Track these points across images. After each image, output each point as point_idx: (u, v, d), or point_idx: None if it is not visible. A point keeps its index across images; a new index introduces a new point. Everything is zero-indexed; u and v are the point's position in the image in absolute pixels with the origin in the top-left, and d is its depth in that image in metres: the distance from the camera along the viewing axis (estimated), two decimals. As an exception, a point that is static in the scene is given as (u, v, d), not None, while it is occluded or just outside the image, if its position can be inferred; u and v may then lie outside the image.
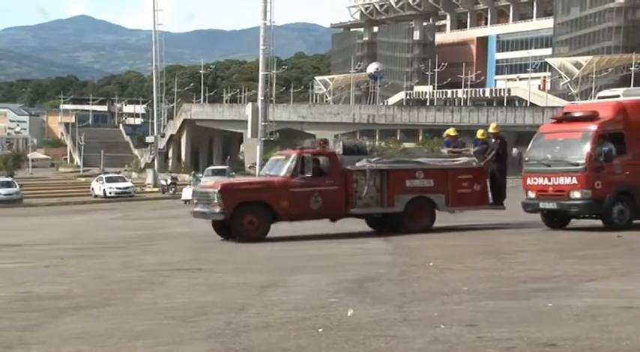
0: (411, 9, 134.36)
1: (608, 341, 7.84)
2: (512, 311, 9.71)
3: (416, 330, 8.65)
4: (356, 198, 19.65)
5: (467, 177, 20.03)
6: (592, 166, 18.57)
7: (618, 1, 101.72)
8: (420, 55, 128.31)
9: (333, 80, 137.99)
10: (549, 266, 13.72)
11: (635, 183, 18.80)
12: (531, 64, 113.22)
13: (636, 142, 18.91)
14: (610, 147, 18.69)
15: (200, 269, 15.14)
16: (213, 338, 8.61)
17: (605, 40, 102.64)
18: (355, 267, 14.15)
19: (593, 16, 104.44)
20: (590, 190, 18.61)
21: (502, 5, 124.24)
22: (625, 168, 18.83)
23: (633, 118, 19.03)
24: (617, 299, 10.18)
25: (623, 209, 18.74)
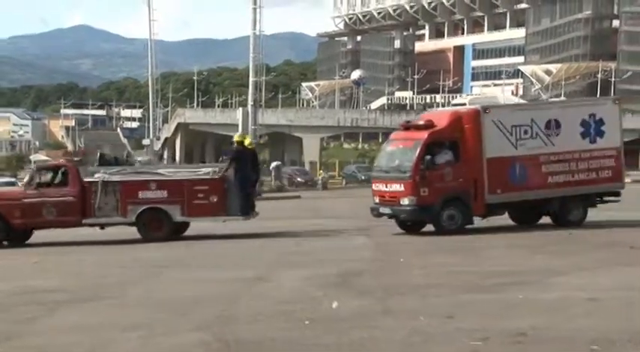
0: (392, 19, 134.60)
1: (574, 331, 7.87)
2: (486, 303, 9.73)
3: (397, 322, 8.67)
4: (94, 208, 19.06)
5: (203, 188, 19.05)
6: (417, 174, 18.29)
7: (585, 13, 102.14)
8: (401, 63, 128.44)
9: (319, 86, 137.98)
10: (519, 262, 13.75)
11: (468, 189, 18.53)
12: (505, 71, 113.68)
13: (471, 150, 18.59)
14: (438, 156, 18.47)
15: (191, 264, 15.12)
16: (204, 329, 8.60)
17: (573, 48, 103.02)
18: (337, 263, 14.13)
19: (562, 26, 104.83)
20: (415, 197, 18.33)
21: (477, 16, 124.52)
22: (458, 175, 18.54)
23: (468, 127, 18.74)
24: (582, 291, 10.21)
25: (453, 214, 18.46)
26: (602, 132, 19.31)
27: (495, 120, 18.83)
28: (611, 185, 19.54)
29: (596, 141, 19.27)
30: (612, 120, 19.66)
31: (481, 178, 18.60)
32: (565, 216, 19.11)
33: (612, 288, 10.51)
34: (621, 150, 19.72)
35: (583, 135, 19.25)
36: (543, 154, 18.97)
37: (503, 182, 18.77)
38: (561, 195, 19.08)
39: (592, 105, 20.81)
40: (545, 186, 18.96)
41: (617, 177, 19.57)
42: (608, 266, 12.78)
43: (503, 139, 18.83)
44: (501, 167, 18.75)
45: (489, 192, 18.66)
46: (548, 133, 19.01)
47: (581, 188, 19.15)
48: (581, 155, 19.19)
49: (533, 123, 18.99)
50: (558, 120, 19.15)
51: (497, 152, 18.72)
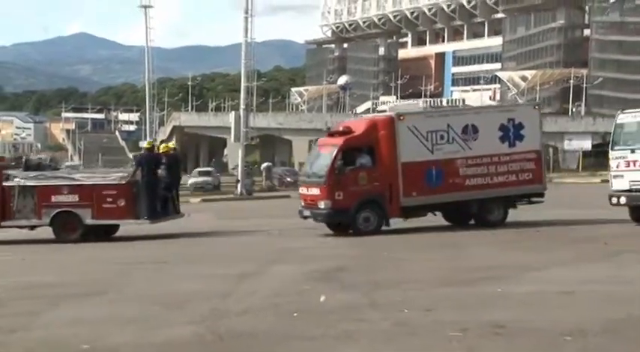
0: (376, 28, 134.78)
1: (549, 322, 7.89)
2: (466, 296, 9.74)
3: (381, 314, 8.66)
4: (13, 211, 19.07)
5: (111, 192, 18.99)
6: (332, 178, 18.28)
7: (559, 22, 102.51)
8: (385, 69, 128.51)
9: (308, 91, 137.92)
10: (497, 257, 13.79)
11: (383, 192, 18.45)
12: (483, 77, 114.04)
13: (386, 155, 18.51)
14: (353, 161, 18.53)
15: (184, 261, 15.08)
16: (197, 322, 8.57)
17: (547, 56, 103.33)
18: (324, 259, 14.13)
19: (537, 34, 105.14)
20: (330, 200, 18.31)
21: (457, 25, 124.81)
22: (373, 179, 18.46)
23: (383, 133, 18.66)
24: (557, 285, 10.24)
25: (368, 216, 18.40)
26: (521, 136, 19.08)
27: (410, 126, 18.72)
28: (532, 187, 19.33)
29: (516, 144, 19.05)
30: (532, 125, 19.41)
31: (396, 182, 18.51)
32: (485, 216, 18.95)
33: (586, 282, 10.53)
34: (542, 153, 19.57)
35: (502, 139, 19.04)
36: (460, 158, 18.80)
37: (419, 185, 18.66)
38: (480, 197, 18.89)
39: (511, 111, 20.51)
40: (463, 189, 18.80)
41: (538, 179, 19.37)
42: (581, 261, 12.85)
43: (419, 144, 18.72)
44: (417, 171, 18.63)
45: (404, 195, 18.56)
46: (466, 138, 18.85)
47: (501, 190, 18.96)
48: (500, 158, 18.99)
49: (449, 128, 18.85)
50: (475, 125, 18.98)
51: (412, 157, 18.62)
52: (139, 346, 7.57)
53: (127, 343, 7.72)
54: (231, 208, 33.85)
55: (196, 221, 23.14)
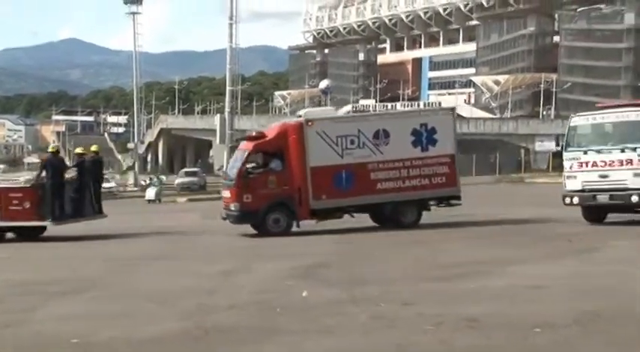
0: (356, 34, 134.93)
1: (521, 316, 7.93)
2: (442, 291, 9.78)
3: (360, 308, 8.68)
4: None
5: (18, 195, 18.90)
6: (240, 182, 18.42)
7: (529, 29, 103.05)
8: (365, 74, 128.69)
9: (290, 95, 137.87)
10: (472, 254, 13.83)
11: (293, 195, 18.48)
12: (458, 82, 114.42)
13: (295, 159, 18.51)
14: (262, 164, 18.72)
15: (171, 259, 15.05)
16: (185, 318, 8.56)
17: (519, 61, 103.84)
18: (305, 256, 14.14)
19: (509, 41, 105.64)
20: (239, 203, 18.43)
21: (433, 31, 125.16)
22: (282, 182, 18.51)
23: (293, 138, 18.64)
24: (528, 280, 10.28)
25: (278, 218, 18.46)
26: (434, 141, 18.86)
27: (319, 131, 18.62)
28: (446, 190, 19.08)
29: (429, 149, 18.84)
30: (446, 130, 19.15)
31: (305, 185, 18.49)
32: (399, 218, 18.83)
33: (555, 277, 10.59)
34: (455, 157, 19.25)
35: (414, 143, 18.82)
36: (371, 162, 18.65)
37: (329, 189, 18.58)
38: (393, 200, 18.77)
39: (424, 116, 20.19)
40: (374, 192, 18.68)
41: (452, 183, 19.10)
42: (550, 257, 12.90)
43: (328, 149, 18.61)
44: (326, 175, 18.57)
45: (314, 198, 18.53)
46: (377, 143, 18.69)
47: (414, 193, 18.79)
48: (412, 162, 18.77)
49: (360, 133, 18.69)
50: (387, 130, 18.80)
51: (321, 161, 18.56)
52: (127, 341, 7.56)
53: (116, 338, 7.70)
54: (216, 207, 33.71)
55: (183, 220, 23.09)
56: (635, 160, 16.66)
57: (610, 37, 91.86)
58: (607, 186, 17.07)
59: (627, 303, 8.47)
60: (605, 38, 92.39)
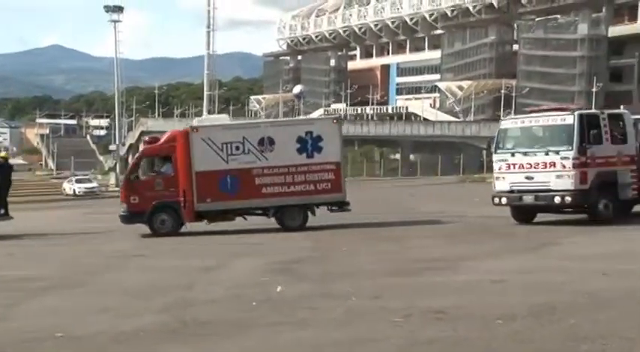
0: (327, 41, 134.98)
1: (483, 308, 7.98)
2: (410, 285, 9.82)
3: (333, 302, 8.69)
4: None
5: None
6: (127, 184, 19.12)
7: (490, 38, 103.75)
8: (336, 79, 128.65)
9: (265, 99, 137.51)
10: (438, 250, 13.90)
11: (178, 198, 18.69)
12: (424, 87, 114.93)
13: (181, 164, 18.73)
14: (150, 169, 19.12)
15: (153, 255, 14.96)
16: (165, 311, 8.52)
17: (481, 68, 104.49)
18: (282, 252, 14.13)
19: (471, 49, 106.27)
20: (127, 204, 18.99)
21: (401, 39, 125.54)
22: (169, 185, 18.84)
23: (180, 144, 18.87)
24: (490, 274, 10.35)
25: (164, 219, 18.78)
26: (320, 148, 18.81)
27: (205, 138, 18.79)
28: (331, 196, 18.97)
29: (314, 156, 18.79)
30: (332, 138, 19.04)
31: (190, 189, 18.68)
32: (284, 222, 18.90)
33: (513, 271, 10.68)
34: (341, 164, 19.14)
35: (299, 150, 18.80)
36: (256, 168, 18.72)
37: (214, 192, 18.71)
38: (278, 204, 18.79)
39: (310, 124, 20.18)
40: (259, 196, 18.76)
41: (337, 189, 18.98)
42: (509, 253, 13.01)
43: (214, 155, 18.75)
44: (211, 179, 18.71)
45: (198, 201, 18.72)
46: (262, 149, 18.76)
47: (299, 198, 18.77)
48: (297, 168, 18.75)
49: (245, 140, 18.80)
50: (272, 137, 18.87)
51: (206, 166, 18.71)
52: (110, 334, 7.50)
53: (99, 331, 7.64)
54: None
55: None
56: (557, 163, 16.54)
57: (565, 46, 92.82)
58: (532, 188, 16.97)
59: (578, 296, 8.56)
60: (561, 47, 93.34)
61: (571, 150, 16.39)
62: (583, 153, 16.39)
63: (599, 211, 16.70)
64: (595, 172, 16.58)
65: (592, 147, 16.50)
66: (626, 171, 17.06)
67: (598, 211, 16.71)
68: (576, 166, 16.40)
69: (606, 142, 16.73)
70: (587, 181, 16.49)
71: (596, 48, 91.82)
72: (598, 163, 16.62)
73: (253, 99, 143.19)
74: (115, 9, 68.47)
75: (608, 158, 16.75)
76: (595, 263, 11.25)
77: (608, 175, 16.80)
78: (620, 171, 16.97)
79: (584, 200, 16.69)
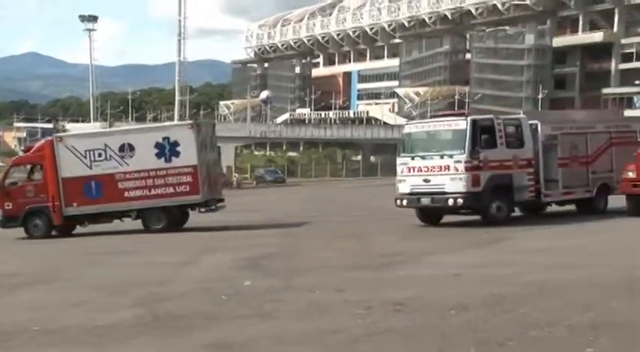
0: (292, 50, 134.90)
1: (439, 300, 8.02)
2: (371, 279, 9.84)
3: (297, 295, 8.67)
4: None
5: None
6: (1, 191, 19.30)
7: (445, 47, 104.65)
8: (300, 85, 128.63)
9: (234, 104, 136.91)
10: (397, 245, 13.95)
11: (48, 203, 18.88)
12: (384, 93, 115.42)
13: (49, 171, 18.95)
14: (26, 176, 19.60)
15: (129, 252, 14.80)
16: (139, 305, 8.43)
17: (436, 75, 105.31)
18: (251, 248, 14.07)
19: (427, 57, 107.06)
20: (2, 210, 19.33)
21: (361, 48, 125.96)
22: (40, 191, 19.04)
23: (47, 152, 19.11)
24: (446, 268, 10.43)
25: (37, 223, 18.99)
26: (177, 153, 18.74)
27: (69, 146, 18.98)
28: (189, 198, 18.81)
29: (172, 160, 18.74)
30: (188, 142, 18.74)
31: (58, 194, 18.86)
32: (148, 224, 18.86)
33: (468, 265, 10.75)
34: (197, 167, 18.78)
35: (158, 155, 18.77)
36: (119, 173, 18.76)
37: (79, 197, 18.86)
38: (140, 207, 18.82)
39: (167, 130, 20.10)
40: (123, 200, 18.81)
41: (195, 191, 18.76)
42: (467, 248, 13.08)
43: (78, 162, 18.87)
44: (77, 185, 18.86)
45: (66, 206, 18.88)
46: (122, 155, 18.81)
47: (159, 200, 18.74)
48: (157, 173, 18.73)
49: (106, 147, 18.89)
50: (132, 143, 18.89)
51: (72, 172, 18.88)
52: (85, 327, 7.40)
53: (74, 325, 7.53)
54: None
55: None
56: (451, 166, 16.27)
57: (513, 55, 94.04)
58: (429, 190, 16.68)
59: (527, 287, 8.66)
60: (509, 56, 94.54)
61: (463, 154, 16.09)
62: (475, 156, 16.07)
63: (491, 213, 16.40)
64: (488, 175, 16.25)
65: (485, 151, 16.18)
66: (522, 174, 16.74)
67: (490, 213, 16.40)
68: (468, 169, 16.06)
69: (501, 146, 16.48)
70: (479, 184, 16.14)
71: (542, 57, 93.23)
72: (491, 166, 16.29)
73: (222, 104, 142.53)
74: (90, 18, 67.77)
75: (502, 161, 16.48)
76: (542, 257, 11.39)
77: (503, 178, 16.45)
78: (516, 174, 16.65)
79: (476, 202, 16.28)
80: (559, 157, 17.59)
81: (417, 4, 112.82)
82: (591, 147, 18.17)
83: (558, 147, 17.63)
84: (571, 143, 17.86)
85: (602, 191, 18.23)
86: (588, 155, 18.11)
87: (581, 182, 17.99)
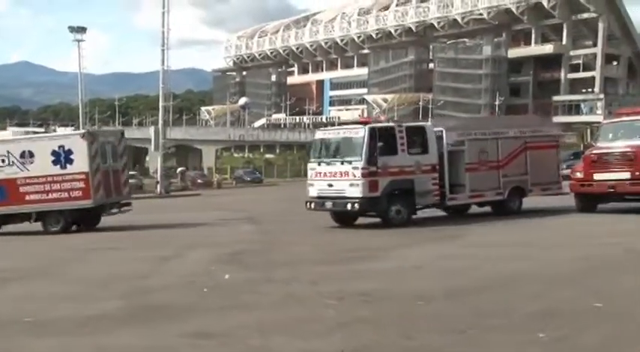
0: (269, 59, 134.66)
1: (406, 291, 8.06)
2: (342, 272, 9.84)
3: (274, 288, 8.65)
4: None
5: None
6: None
7: (410, 57, 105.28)
8: (276, 92, 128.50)
9: (214, 110, 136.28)
10: (365, 241, 13.97)
11: None
12: (354, 99, 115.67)
13: None
14: None
15: (115, 247, 14.65)
16: (123, 298, 8.35)
17: (402, 83, 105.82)
18: (231, 244, 14.01)
19: (394, 67, 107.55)
20: None
21: (333, 58, 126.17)
22: None
23: None
24: (410, 262, 10.47)
25: None
26: (71, 160, 18.70)
27: None
28: (81, 202, 18.58)
29: (67, 167, 18.70)
30: (80, 151, 18.60)
31: None
32: (46, 226, 18.75)
33: (430, 259, 10.81)
34: (89, 174, 18.54)
35: (54, 162, 18.70)
36: (20, 178, 18.74)
37: None
38: (39, 209, 18.75)
39: (62, 139, 19.77)
40: (24, 203, 18.78)
41: (86, 196, 18.55)
42: (428, 242, 13.14)
43: None
44: None
45: None
46: (23, 161, 18.79)
47: (57, 204, 18.67)
48: (53, 178, 18.69)
49: (9, 153, 18.86)
50: (32, 150, 18.88)
51: None
52: (74, 318, 7.32)
53: (64, 316, 7.45)
54: (152, 205, 33.10)
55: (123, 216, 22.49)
56: (350, 172, 15.97)
57: (472, 65, 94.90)
58: (332, 195, 16.40)
59: (485, 279, 8.74)
60: (469, 65, 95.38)
61: (360, 161, 15.72)
62: (373, 163, 15.76)
63: (390, 217, 15.99)
64: (388, 181, 15.92)
65: (384, 157, 15.83)
66: (426, 179, 16.39)
67: (390, 217, 16.00)
68: (365, 176, 15.74)
69: (402, 153, 16.07)
70: (377, 189, 15.82)
71: (498, 67, 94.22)
72: (391, 172, 15.96)
73: (204, 109, 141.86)
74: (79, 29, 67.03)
75: (403, 167, 16.09)
76: (496, 251, 11.49)
77: (404, 183, 16.09)
78: (419, 178, 16.28)
79: (373, 207, 16.06)
80: (466, 162, 17.10)
81: (384, 18, 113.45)
82: (502, 151, 17.60)
83: (465, 153, 17.12)
84: (480, 148, 17.40)
85: (515, 193, 17.85)
86: (499, 159, 17.56)
87: (492, 185, 17.47)
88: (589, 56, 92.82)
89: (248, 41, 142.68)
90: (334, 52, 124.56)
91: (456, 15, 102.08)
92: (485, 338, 5.87)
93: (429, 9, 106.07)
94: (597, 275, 8.71)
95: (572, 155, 38.72)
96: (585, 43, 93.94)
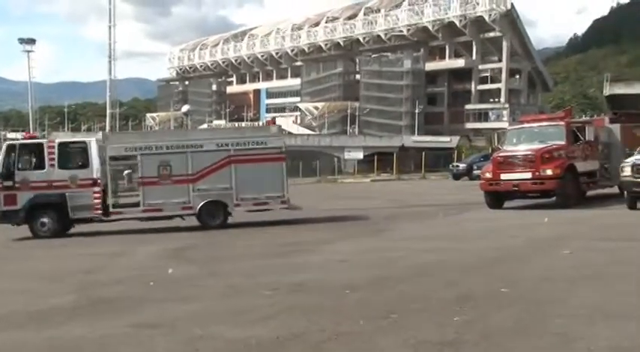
0: (209, 70, 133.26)
1: (334, 282, 8.13)
2: (277, 265, 9.84)
3: (215, 281, 8.59)
4: None
5: None
6: None
7: (338, 69, 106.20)
8: (217, 100, 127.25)
9: (159, 116, 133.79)
10: (299, 236, 13.99)
11: None
12: (288, 107, 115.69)
13: None
14: None
15: (67, 244, 14.20)
16: (76, 292, 8.12)
17: (331, 92, 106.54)
18: (177, 239, 13.81)
19: (324, 77, 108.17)
20: None
21: (269, 69, 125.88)
22: None
23: None
24: (338, 255, 10.53)
25: None
26: None
27: None
28: None
29: None
30: None
31: None
32: None
33: (357, 252, 10.91)
34: None
35: None
36: None
37: None
38: None
39: None
40: None
41: None
42: (353, 237, 13.25)
43: None
44: None
45: None
46: None
47: None
48: None
49: None
50: None
51: None
52: (27, 312, 7.06)
53: (15, 311, 7.18)
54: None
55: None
56: None
57: (394, 76, 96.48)
58: None
59: (407, 268, 8.91)
60: (391, 77, 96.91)
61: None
62: (8, 178, 15.38)
63: (35, 228, 15.57)
64: (31, 195, 15.43)
65: (27, 172, 15.46)
66: (84, 193, 15.65)
67: (35, 227, 15.58)
68: (1, 190, 15.39)
69: (51, 167, 15.51)
70: (16, 203, 15.36)
71: (417, 78, 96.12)
72: (33, 187, 15.46)
73: (149, 116, 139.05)
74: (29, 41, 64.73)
75: (52, 182, 15.50)
76: (417, 243, 11.71)
77: (51, 197, 15.48)
78: (74, 193, 15.58)
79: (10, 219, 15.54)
80: (140, 176, 16.03)
81: (315, 33, 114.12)
82: (195, 165, 16.05)
83: (139, 167, 16.04)
84: (159, 162, 15.98)
85: (214, 208, 16.26)
86: (189, 173, 16.06)
87: (177, 199, 16.06)
88: (495, 70, 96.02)
89: (190, 53, 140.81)
90: (270, 64, 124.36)
91: (379, 31, 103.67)
92: (408, 321, 5.98)
93: (356, 25, 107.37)
94: (504, 264, 9.00)
95: (482, 157, 39.97)
96: (492, 58, 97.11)
